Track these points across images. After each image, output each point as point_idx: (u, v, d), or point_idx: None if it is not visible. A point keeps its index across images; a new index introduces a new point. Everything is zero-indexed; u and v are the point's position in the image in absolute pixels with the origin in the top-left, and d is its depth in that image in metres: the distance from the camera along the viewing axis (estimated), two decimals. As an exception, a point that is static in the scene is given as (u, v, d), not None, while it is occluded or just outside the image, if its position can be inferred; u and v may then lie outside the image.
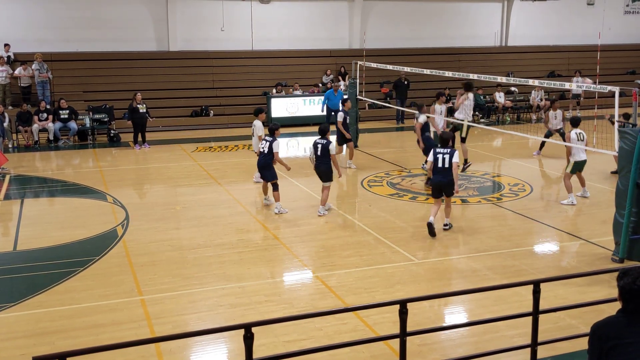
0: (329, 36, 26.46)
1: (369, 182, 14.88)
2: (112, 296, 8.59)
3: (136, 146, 19.20)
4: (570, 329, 7.47)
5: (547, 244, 11.03)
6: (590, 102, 23.91)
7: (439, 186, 11.01)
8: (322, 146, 12.19)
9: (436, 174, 10.94)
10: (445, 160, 10.79)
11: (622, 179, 9.71)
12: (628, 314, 3.97)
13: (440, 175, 10.89)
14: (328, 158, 12.18)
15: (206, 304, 8.42)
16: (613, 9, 30.46)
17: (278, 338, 7.30)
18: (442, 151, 10.89)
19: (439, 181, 10.94)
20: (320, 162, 12.26)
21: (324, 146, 12.17)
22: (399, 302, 5.55)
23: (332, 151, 12.20)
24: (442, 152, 10.88)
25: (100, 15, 23.39)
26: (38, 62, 20.92)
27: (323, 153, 12.17)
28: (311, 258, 10.08)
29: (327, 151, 12.13)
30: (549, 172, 14.71)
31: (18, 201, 13.76)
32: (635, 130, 9.47)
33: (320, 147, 12.20)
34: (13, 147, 19.62)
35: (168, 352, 7.08)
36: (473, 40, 28.56)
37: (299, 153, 18.39)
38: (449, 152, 10.85)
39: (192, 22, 24.57)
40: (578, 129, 13.03)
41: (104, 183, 14.94)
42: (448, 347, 7.24)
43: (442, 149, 10.95)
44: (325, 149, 12.15)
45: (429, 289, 8.82)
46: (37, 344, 7.27)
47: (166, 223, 11.91)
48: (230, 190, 14.29)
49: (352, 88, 19.28)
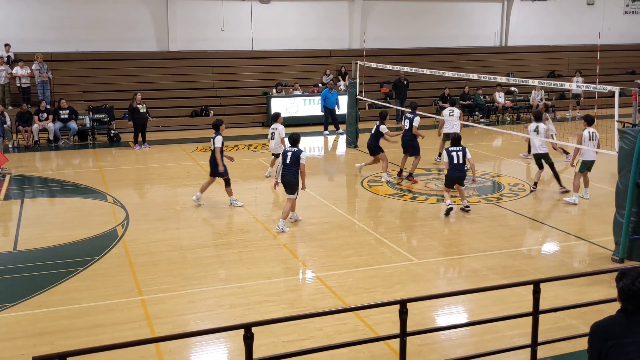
0: (329, 36, 26.46)
1: (369, 182, 14.88)
2: (112, 296, 8.59)
3: (136, 146, 19.21)
4: (570, 329, 7.47)
5: (547, 244, 11.03)
6: (590, 102, 23.91)
7: (456, 179, 12.49)
8: (293, 154, 11.41)
9: (453, 170, 12.39)
10: (460, 157, 12.39)
11: (622, 179, 9.71)
12: (628, 314, 3.98)
13: (457, 171, 12.41)
14: (297, 168, 11.32)
15: (206, 304, 8.42)
16: (613, 8, 30.45)
17: (278, 338, 7.30)
18: (455, 149, 12.47)
19: (457, 175, 12.45)
20: (287, 171, 11.36)
21: (295, 154, 11.39)
22: (399, 302, 5.55)
23: (302, 160, 11.34)
24: (456, 149, 12.46)
25: (100, 15, 23.39)
26: (38, 62, 20.92)
27: (293, 162, 11.36)
28: (311, 258, 10.08)
29: (297, 160, 11.33)
30: (548, 172, 14.70)
31: (18, 201, 13.76)
32: (635, 130, 9.47)
33: (290, 154, 11.39)
34: (13, 147, 19.62)
35: (168, 352, 7.08)
36: (473, 40, 28.56)
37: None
38: (461, 149, 12.46)
39: (192, 22, 24.56)
40: (592, 128, 12.88)
41: (104, 183, 14.94)
42: (448, 347, 7.24)
43: (455, 147, 12.51)
44: (296, 157, 11.35)
45: (429, 289, 8.82)
46: (37, 344, 7.28)
47: (166, 223, 11.91)
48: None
49: (352, 88, 19.28)
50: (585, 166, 12.92)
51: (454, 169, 12.40)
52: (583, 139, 12.67)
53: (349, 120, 19.42)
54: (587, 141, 12.64)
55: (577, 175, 12.99)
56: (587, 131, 12.74)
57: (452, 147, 12.54)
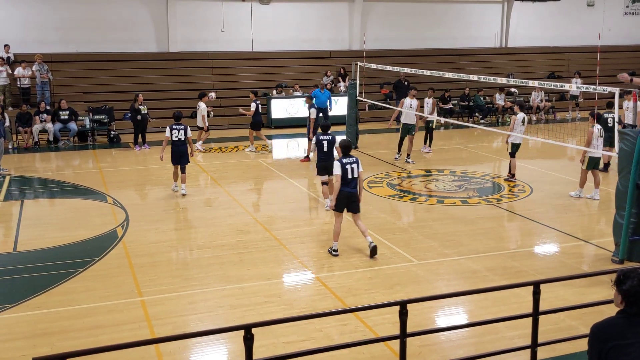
0: (329, 37, 26.45)
1: (369, 183, 14.88)
2: (112, 297, 8.59)
3: (136, 147, 19.22)
4: (570, 330, 7.47)
5: (547, 245, 11.03)
6: (590, 103, 23.90)
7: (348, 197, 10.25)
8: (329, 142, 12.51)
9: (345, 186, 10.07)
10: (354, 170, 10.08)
11: (622, 180, 9.72)
12: (629, 315, 3.97)
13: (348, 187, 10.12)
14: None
15: (206, 305, 8.42)
16: (613, 10, 30.45)
17: (278, 339, 7.30)
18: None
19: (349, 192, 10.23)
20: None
21: (331, 142, 12.50)
22: (399, 303, 5.55)
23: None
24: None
25: (100, 16, 23.38)
26: (38, 63, 20.93)
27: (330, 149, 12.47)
28: (311, 259, 10.08)
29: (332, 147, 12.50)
30: (549, 172, 14.71)
31: (18, 202, 13.77)
32: (635, 132, 9.48)
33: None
34: (13, 148, 19.63)
35: (168, 353, 7.08)
36: (473, 41, 28.56)
37: (299, 154, 18.38)
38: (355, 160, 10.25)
39: (192, 23, 24.56)
40: (600, 124, 13.06)
41: (104, 184, 14.94)
42: (448, 348, 7.24)
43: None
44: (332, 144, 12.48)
45: (429, 290, 8.82)
46: (37, 345, 7.27)
47: (166, 224, 11.91)
48: (230, 191, 14.29)
49: (352, 89, 19.28)
50: (592, 163, 12.99)
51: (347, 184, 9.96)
52: (593, 136, 12.77)
53: (349, 121, 19.41)
54: (597, 138, 12.75)
55: (583, 172, 13.16)
56: (596, 128, 12.88)
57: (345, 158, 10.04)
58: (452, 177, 15.73)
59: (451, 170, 16.47)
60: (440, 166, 16.83)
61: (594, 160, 13.02)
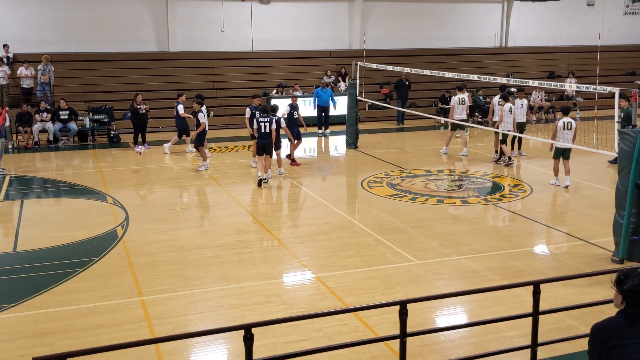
0: (329, 37, 26.45)
1: (369, 183, 14.88)
2: (112, 297, 8.59)
3: (136, 147, 19.18)
4: (570, 329, 7.47)
5: (547, 244, 11.03)
6: (589, 102, 23.90)
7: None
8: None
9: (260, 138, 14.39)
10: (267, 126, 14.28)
11: (622, 180, 9.72)
12: (629, 315, 3.97)
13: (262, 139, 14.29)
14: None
15: (206, 304, 8.42)
16: (613, 9, 30.44)
17: (278, 339, 7.30)
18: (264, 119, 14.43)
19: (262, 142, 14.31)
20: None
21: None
22: (399, 302, 5.55)
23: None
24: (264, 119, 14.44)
25: (100, 16, 23.37)
26: (44, 64, 20.93)
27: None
28: (311, 259, 10.08)
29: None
30: (549, 172, 14.71)
31: (18, 202, 13.76)
32: (635, 131, 9.48)
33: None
34: (13, 147, 19.63)
35: (168, 352, 7.08)
36: (473, 41, 28.56)
37: (299, 154, 18.37)
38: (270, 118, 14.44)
39: (192, 23, 24.55)
40: (567, 117, 14.07)
41: (104, 184, 14.94)
42: (448, 348, 7.24)
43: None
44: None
45: (429, 289, 8.82)
46: (37, 345, 7.28)
47: (166, 224, 11.91)
48: (230, 191, 14.29)
49: (352, 89, 19.28)
50: (558, 152, 14.13)
51: (261, 137, 14.23)
52: (558, 128, 13.98)
53: (349, 120, 19.41)
54: (562, 130, 13.94)
55: (554, 161, 14.40)
56: (562, 121, 14.03)
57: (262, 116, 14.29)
58: (452, 177, 15.74)
59: (451, 170, 16.48)
60: (440, 166, 16.83)
61: (560, 151, 14.08)
